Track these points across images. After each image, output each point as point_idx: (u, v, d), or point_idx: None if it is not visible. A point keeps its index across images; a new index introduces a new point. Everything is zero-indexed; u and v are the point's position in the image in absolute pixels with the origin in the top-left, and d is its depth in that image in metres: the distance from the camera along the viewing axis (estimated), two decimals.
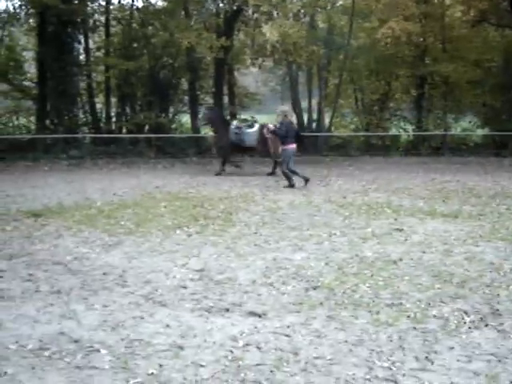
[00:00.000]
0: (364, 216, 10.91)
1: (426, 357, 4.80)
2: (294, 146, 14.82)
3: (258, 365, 4.68)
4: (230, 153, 18.13)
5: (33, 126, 26.17)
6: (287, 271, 7.26)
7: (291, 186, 14.78)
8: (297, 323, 5.53)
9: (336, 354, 4.86)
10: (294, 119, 15.16)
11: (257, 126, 17.89)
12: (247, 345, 5.06)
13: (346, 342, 5.12)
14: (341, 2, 28.13)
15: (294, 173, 14.88)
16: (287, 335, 5.26)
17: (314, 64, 27.27)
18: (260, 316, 5.72)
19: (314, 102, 28.72)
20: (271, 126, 15.30)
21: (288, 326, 5.45)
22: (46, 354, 4.94)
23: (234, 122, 18.60)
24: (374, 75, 27.58)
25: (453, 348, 4.97)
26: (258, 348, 4.99)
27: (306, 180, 14.94)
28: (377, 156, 23.54)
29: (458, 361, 4.74)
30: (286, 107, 15.73)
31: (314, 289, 6.54)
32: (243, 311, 5.88)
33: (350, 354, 4.88)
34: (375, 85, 27.24)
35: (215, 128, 18.21)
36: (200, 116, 18.20)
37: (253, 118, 26.96)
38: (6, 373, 4.59)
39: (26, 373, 4.60)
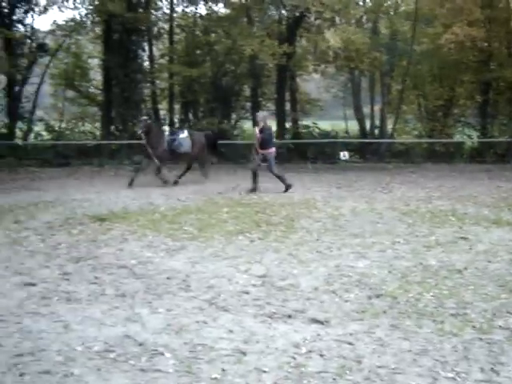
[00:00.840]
0: (428, 224, 10.75)
1: (492, 368, 4.72)
2: (274, 149, 15.29)
3: (320, 372, 4.67)
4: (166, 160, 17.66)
5: (98, 132, 26.71)
6: (350, 279, 7.22)
7: (288, 186, 15.06)
8: (360, 331, 5.50)
9: (399, 364, 4.82)
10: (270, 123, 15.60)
11: (186, 132, 17.73)
12: (310, 352, 5.05)
13: (410, 351, 5.06)
14: (403, 8, 27.86)
15: (254, 179, 15.20)
16: (350, 343, 5.24)
17: (377, 70, 27.07)
18: (323, 323, 5.71)
19: (377, 108, 28.49)
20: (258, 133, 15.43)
21: (351, 334, 5.43)
22: (112, 356, 5.03)
23: (167, 129, 18.46)
24: (438, 81, 27.16)
25: None
26: (321, 355, 4.98)
27: (253, 190, 15.09)
28: (440, 163, 23.14)
29: None
30: (266, 113, 15.76)
31: (377, 297, 6.49)
32: (306, 318, 5.88)
33: (413, 363, 4.83)
34: (439, 91, 26.80)
35: (150, 138, 17.15)
36: (140, 125, 17.56)
37: (315, 124, 27.07)
38: (72, 373, 4.70)
39: (91, 374, 4.70)
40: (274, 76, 27.24)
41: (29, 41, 25.90)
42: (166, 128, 18.57)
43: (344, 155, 21.87)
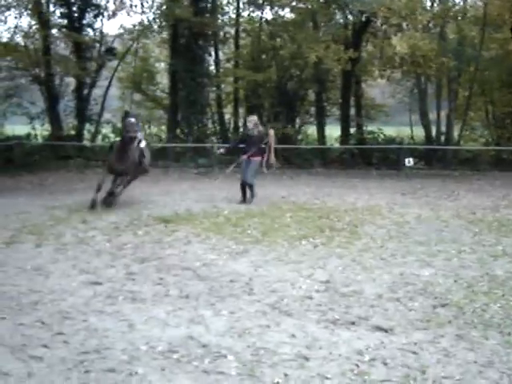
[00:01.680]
0: (494, 233, 10.55)
1: None
2: (259, 157, 14.14)
3: (384, 381, 4.64)
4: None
5: (164, 135, 27.07)
6: (414, 287, 7.14)
7: (245, 200, 14.09)
8: (424, 341, 5.43)
9: (465, 375, 4.74)
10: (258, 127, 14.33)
11: None
12: (373, 360, 5.02)
13: (476, 362, 4.98)
14: (472, 13, 27.35)
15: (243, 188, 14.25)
16: (414, 352, 5.17)
17: (444, 76, 26.63)
18: (386, 331, 5.66)
19: (443, 114, 28.02)
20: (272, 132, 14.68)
21: (415, 343, 5.37)
22: (175, 356, 5.09)
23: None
24: (506, 87, 26.57)
25: None
26: (385, 364, 4.94)
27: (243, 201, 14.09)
28: (508, 171, 22.63)
29: None
30: (255, 117, 14.82)
31: (443, 306, 6.40)
32: (369, 325, 5.83)
33: (479, 375, 4.75)
34: (507, 97, 26.20)
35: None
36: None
37: (380, 129, 26.82)
38: (136, 372, 4.76)
39: (155, 374, 4.76)
40: (339, 81, 27.13)
41: (98, 45, 26.45)
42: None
43: (409, 161, 21.56)
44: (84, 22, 25.80)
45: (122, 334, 5.58)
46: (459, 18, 25.99)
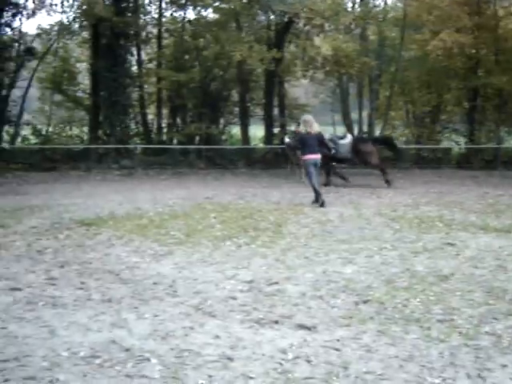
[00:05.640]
0: (415, 230, 10.78)
1: (479, 374, 4.72)
2: (314, 156, 13.86)
3: (307, 378, 4.66)
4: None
5: (85, 136, 26.65)
6: (337, 284, 7.22)
7: (319, 201, 13.67)
8: (347, 337, 5.49)
9: (386, 370, 4.81)
10: (315, 127, 14.23)
11: (349, 137, 18.70)
12: (297, 358, 5.04)
13: (397, 357, 5.06)
14: (392, 14, 27.96)
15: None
16: (337, 349, 5.22)
17: (366, 76, 27.14)
18: (310, 329, 5.70)
19: (365, 113, 28.55)
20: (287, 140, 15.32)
21: (338, 340, 5.41)
22: (97, 361, 4.99)
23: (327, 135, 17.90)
24: (426, 87, 27.28)
25: (506, 366, 4.87)
26: (308, 361, 4.97)
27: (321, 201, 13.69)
28: (428, 169, 23.24)
29: (511, 379, 4.64)
30: (309, 116, 14.77)
31: (365, 303, 6.49)
32: (293, 324, 5.86)
33: (400, 369, 4.82)
34: (427, 97, 26.91)
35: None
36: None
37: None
38: (58, 379, 4.65)
39: (77, 380, 4.65)
40: (263, 81, 27.26)
41: (16, 44, 25.76)
42: (327, 135, 18.09)
43: None
44: (2, 21, 25.09)
45: (43, 341, 5.44)
46: (380, 19, 26.52)
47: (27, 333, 5.63)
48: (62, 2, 25.75)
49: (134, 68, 27.08)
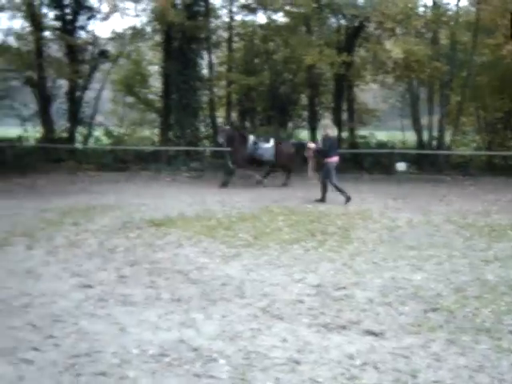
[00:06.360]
0: (486, 238, 10.56)
1: None
2: (336, 158, 15.07)
3: None
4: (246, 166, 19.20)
5: (156, 138, 27.08)
6: (405, 291, 7.15)
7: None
8: (415, 345, 5.44)
9: (455, 379, 4.75)
10: (334, 131, 15.68)
11: (272, 142, 18.94)
12: (364, 364, 5.03)
13: (466, 367, 4.99)
14: (464, 18, 27.44)
15: (337, 188, 15.01)
16: (405, 356, 5.19)
17: (436, 80, 26.71)
18: (377, 335, 5.67)
19: (435, 119, 28.10)
20: (312, 145, 15.82)
21: (406, 348, 5.37)
22: (166, 360, 5.09)
23: (251, 138, 19.08)
24: (498, 92, 26.64)
25: None
26: (376, 368, 4.95)
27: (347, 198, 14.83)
28: (499, 176, 22.71)
29: None
30: (327, 121, 15.86)
31: (434, 311, 6.41)
32: (360, 329, 5.84)
33: (470, 380, 4.76)
34: (499, 102, 26.31)
35: (232, 145, 18.64)
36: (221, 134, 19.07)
37: (372, 134, 26.88)
38: (127, 376, 4.76)
39: (146, 377, 4.76)
40: (332, 85, 27.19)
41: (91, 47, 26.45)
42: (251, 137, 18.96)
43: (401, 166, 21.58)
44: (77, 24, 25.83)
45: (113, 338, 5.58)
46: (452, 23, 26.06)
47: (98, 329, 5.78)
48: (135, 7, 26.28)
49: (205, 71, 27.34)
